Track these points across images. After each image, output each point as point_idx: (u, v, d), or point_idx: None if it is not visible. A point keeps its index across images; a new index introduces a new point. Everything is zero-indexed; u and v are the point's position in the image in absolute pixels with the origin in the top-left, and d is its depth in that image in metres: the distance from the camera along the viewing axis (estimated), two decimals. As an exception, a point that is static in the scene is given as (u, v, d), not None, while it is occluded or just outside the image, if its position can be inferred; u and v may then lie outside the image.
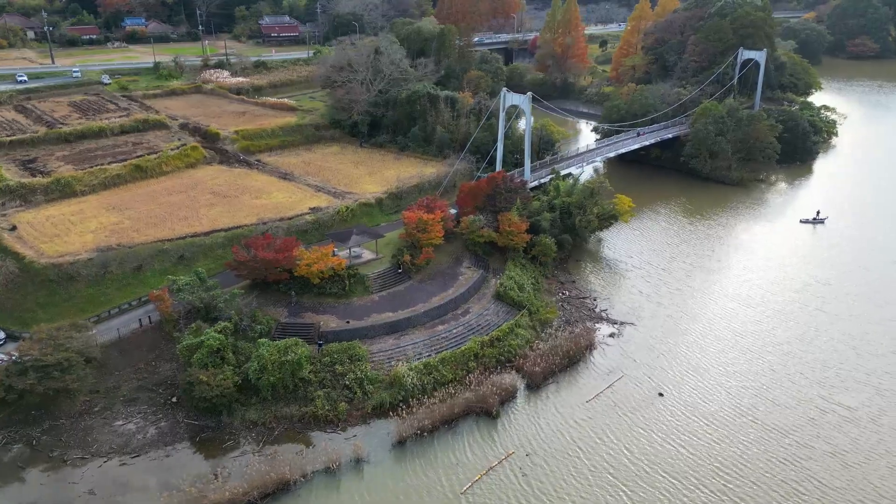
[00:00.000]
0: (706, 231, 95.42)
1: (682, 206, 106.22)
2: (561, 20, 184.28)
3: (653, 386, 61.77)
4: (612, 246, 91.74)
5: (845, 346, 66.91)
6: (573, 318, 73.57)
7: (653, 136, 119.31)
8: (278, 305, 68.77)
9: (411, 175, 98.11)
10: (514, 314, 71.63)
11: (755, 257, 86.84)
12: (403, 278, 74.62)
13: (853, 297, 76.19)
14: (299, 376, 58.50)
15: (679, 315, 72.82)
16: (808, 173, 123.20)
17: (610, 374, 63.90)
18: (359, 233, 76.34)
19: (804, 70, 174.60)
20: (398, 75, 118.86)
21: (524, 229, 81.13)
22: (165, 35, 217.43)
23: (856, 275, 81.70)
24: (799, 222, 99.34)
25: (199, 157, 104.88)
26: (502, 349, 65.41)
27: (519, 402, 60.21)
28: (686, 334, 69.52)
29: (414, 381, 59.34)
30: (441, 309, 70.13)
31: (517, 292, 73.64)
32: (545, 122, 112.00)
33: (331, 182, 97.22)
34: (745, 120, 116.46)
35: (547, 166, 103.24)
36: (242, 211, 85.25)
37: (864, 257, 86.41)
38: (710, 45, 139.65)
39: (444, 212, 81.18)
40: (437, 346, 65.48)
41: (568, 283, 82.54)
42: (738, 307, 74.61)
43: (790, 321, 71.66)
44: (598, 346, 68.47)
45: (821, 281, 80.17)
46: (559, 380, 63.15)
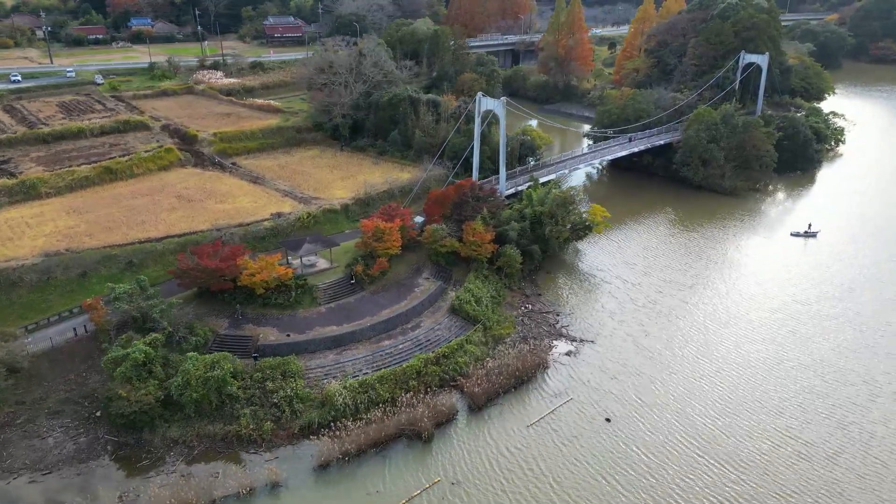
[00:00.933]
0: (688, 243, 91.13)
1: (669, 217, 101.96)
2: (564, 22, 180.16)
3: (600, 411, 58.19)
4: (588, 257, 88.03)
5: (813, 373, 62.49)
6: (531, 335, 70.14)
7: (643, 143, 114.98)
8: (221, 316, 66.59)
9: (384, 180, 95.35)
10: (468, 329, 68.51)
11: (735, 273, 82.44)
12: (356, 289, 71.99)
13: (831, 320, 71.49)
14: (226, 393, 56.11)
15: (639, 334, 68.95)
16: (808, 183, 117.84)
17: (558, 396, 60.46)
18: (312, 241, 73.91)
19: (816, 74, 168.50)
20: (381, 78, 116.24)
21: (489, 239, 77.95)
22: (171, 35, 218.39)
23: (838, 295, 76.87)
24: (790, 235, 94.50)
25: (174, 159, 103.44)
26: (448, 367, 62.26)
27: (458, 425, 57.08)
28: (643, 355, 65.64)
29: (346, 400, 56.51)
30: (390, 323, 67.30)
31: (473, 306, 70.47)
32: (527, 128, 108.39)
33: (300, 187, 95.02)
34: (740, 127, 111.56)
35: (527, 173, 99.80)
36: (203, 216, 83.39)
37: (852, 276, 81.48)
38: (711, 49, 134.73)
39: (405, 220, 78.52)
40: (379, 362, 62.66)
41: (534, 296, 79.09)
42: (706, 326, 70.44)
43: (759, 344, 67.31)
44: (552, 365, 65.02)
45: (800, 301, 75.55)
46: (504, 401, 59.84)
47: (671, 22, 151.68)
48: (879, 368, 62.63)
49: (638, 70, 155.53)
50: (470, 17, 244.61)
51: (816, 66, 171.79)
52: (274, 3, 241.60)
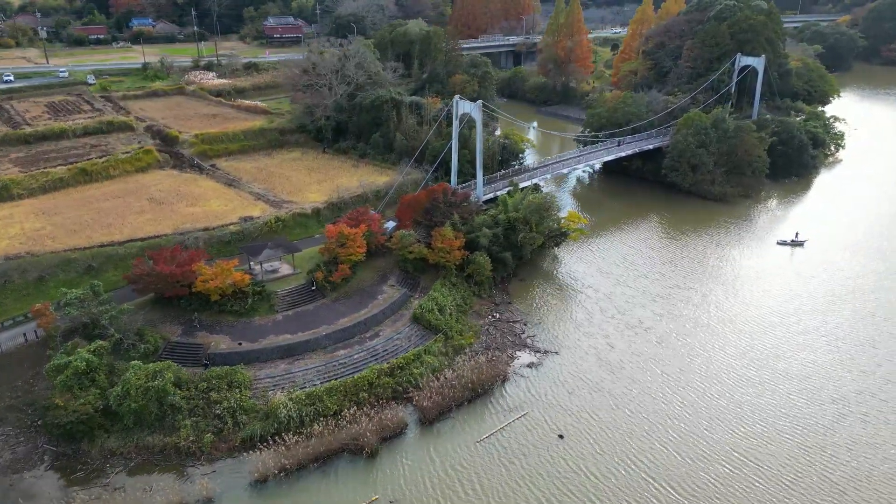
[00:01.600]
0: (668, 252, 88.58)
1: (653, 223, 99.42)
2: (564, 23, 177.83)
3: (554, 427, 56.10)
4: (566, 265, 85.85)
5: (780, 390, 59.86)
6: (495, 345, 68.15)
7: (630, 147, 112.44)
8: (176, 323, 65.33)
9: (360, 184, 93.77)
10: (429, 339, 66.71)
11: (713, 283, 79.80)
12: (316, 297, 70.40)
13: (807, 335, 68.72)
14: (168, 403, 54.76)
15: (604, 347, 66.68)
16: (803, 190, 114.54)
17: (513, 410, 58.46)
18: (273, 246, 72.47)
19: (820, 77, 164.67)
20: (365, 79, 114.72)
21: (458, 246, 76.06)
22: (172, 35, 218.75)
23: (818, 308, 74.02)
24: (776, 244, 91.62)
25: (152, 160, 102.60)
26: (402, 379, 60.48)
27: (406, 440, 55.29)
28: (605, 370, 63.33)
29: (290, 412, 54.93)
30: (347, 331, 65.65)
31: (436, 315, 68.62)
32: (509, 131, 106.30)
33: (275, 190, 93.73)
34: (731, 131, 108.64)
35: (508, 178, 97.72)
36: (171, 219, 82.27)
37: (834, 288, 78.50)
38: (706, 51, 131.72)
39: (373, 225, 76.89)
40: (332, 373, 61.01)
41: (503, 304, 77.07)
42: (673, 340, 67.88)
43: (727, 359, 64.64)
44: (512, 377, 63.05)
45: (777, 313, 72.80)
46: (457, 415, 57.93)
47: (668, 23, 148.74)
48: (850, 387, 59.89)
49: (636, 72, 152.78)
50: (473, 18, 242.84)
51: (820, 68, 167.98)
52: (276, 4, 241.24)
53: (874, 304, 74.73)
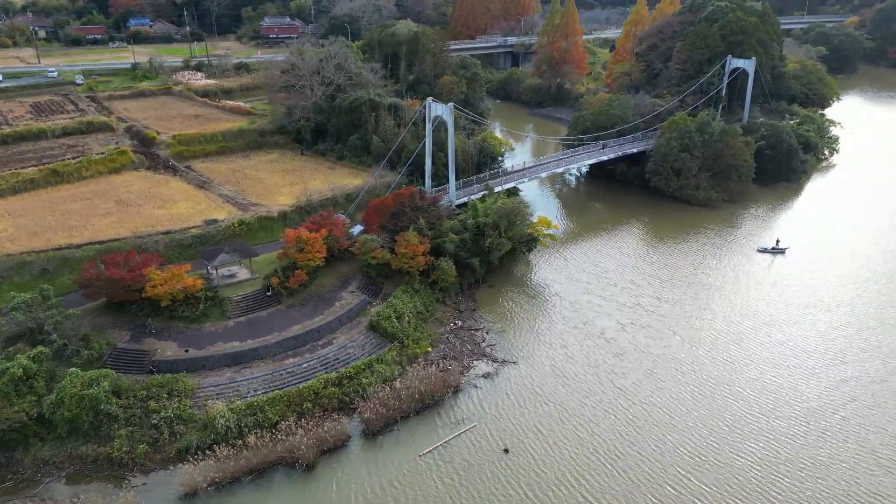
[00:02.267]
0: (643, 259, 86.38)
1: (633, 229, 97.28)
2: (559, 24, 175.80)
3: (501, 441, 54.33)
4: (539, 271, 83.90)
5: (742, 407, 57.67)
6: (452, 354, 66.45)
7: (613, 151, 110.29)
8: (125, 329, 64.20)
9: (329, 187, 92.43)
10: (384, 347, 65.19)
11: (684, 293, 77.43)
12: (272, 302, 69.05)
13: (776, 347, 66.35)
14: (105, 412, 53.55)
15: (562, 358, 64.74)
16: (791, 195, 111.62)
17: (462, 422, 56.73)
18: (230, 251, 71.23)
19: (819, 80, 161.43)
20: (345, 80, 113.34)
21: (422, 251, 74.44)
22: (169, 35, 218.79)
23: (791, 319, 71.54)
24: (757, 252, 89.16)
25: (126, 161, 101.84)
26: (349, 389, 58.95)
27: (348, 453, 53.70)
28: (560, 382, 61.33)
29: (228, 423, 53.57)
30: (299, 339, 64.23)
31: (393, 322, 67.05)
32: (486, 135, 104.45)
33: (245, 192, 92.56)
34: (716, 135, 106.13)
35: (483, 181, 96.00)
36: (136, 222, 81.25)
37: (811, 297, 75.89)
38: (696, 53, 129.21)
39: (336, 230, 75.46)
40: (278, 382, 59.60)
41: (468, 311, 75.31)
42: (629, 353, 65.44)
43: (688, 374, 62.24)
44: (465, 388, 61.29)
45: (748, 324, 70.40)
46: (404, 427, 56.29)
47: (661, 25, 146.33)
48: (814, 404, 57.53)
49: (629, 74, 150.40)
50: (472, 18, 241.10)
51: (820, 70, 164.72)
52: (275, 4, 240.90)
53: (849, 315, 72.19)
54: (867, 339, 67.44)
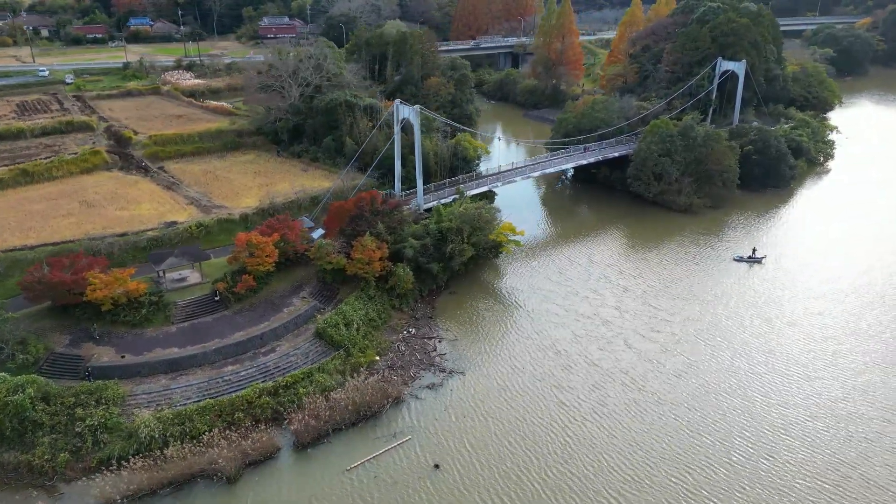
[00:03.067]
0: (612, 267, 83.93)
1: (606, 236, 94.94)
2: (555, 25, 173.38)
3: (433, 456, 52.54)
4: (502, 279, 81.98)
5: (676, 434, 55.27)
6: (399, 363, 64.80)
7: (593, 155, 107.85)
8: (66, 333, 63.31)
9: (297, 189, 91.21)
10: (329, 355, 63.68)
11: (646, 304, 74.61)
12: (218, 308, 67.84)
13: (735, 363, 63.77)
14: (30, 419, 52.57)
15: (509, 370, 62.73)
16: (778, 202, 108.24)
17: (396, 436, 55.02)
18: (180, 254, 70.14)
19: (820, 83, 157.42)
20: (324, 81, 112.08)
21: (378, 257, 72.87)
22: (169, 35, 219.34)
23: (758, 333, 68.86)
24: (733, 260, 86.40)
25: (99, 161, 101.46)
26: (285, 399, 57.46)
27: (275, 466, 52.24)
28: (502, 396, 59.29)
29: (152, 432, 52.36)
30: (241, 346, 62.90)
31: (340, 330, 65.47)
32: (461, 137, 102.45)
33: (212, 194, 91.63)
34: (699, 139, 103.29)
35: (456, 185, 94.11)
36: (95, 223, 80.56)
37: (779, 312, 72.70)
38: (686, 55, 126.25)
39: (291, 234, 74.06)
40: (213, 390, 58.28)
41: (424, 319, 73.59)
42: (578, 367, 62.88)
43: (633, 392, 59.48)
44: (408, 399, 59.60)
45: (707, 340, 67.63)
46: (337, 439, 54.72)
47: (654, 26, 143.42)
48: (771, 421, 55.07)
49: (623, 76, 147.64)
50: (474, 19, 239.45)
51: (821, 73, 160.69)
52: (276, 4, 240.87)
53: (819, 328, 69.32)
54: (835, 354, 64.63)
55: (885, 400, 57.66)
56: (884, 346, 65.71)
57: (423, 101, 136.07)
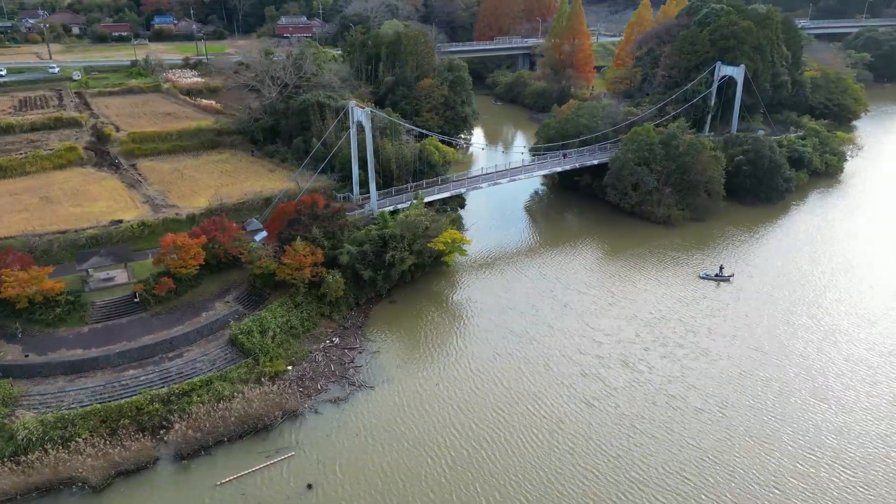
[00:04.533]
0: (564, 280, 79.88)
1: (573, 247, 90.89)
2: (565, 26, 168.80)
3: (309, 476, 50.30)
4: (449, 290, 79.05)
5: (595, 469, 51.48)
6: (312, 375, 62.78)
7: (571, 162, 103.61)
8: (-15, 329, 63.69)
9: (247, 191, 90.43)
10: (237, 362, 62.20)
11: (582, 322, 70.13)
12: (137, 310, 67.17)
13: (634, 408, 59.34)
14: (-87, 416, 52.78)
15: (414, 388, 59.80)
16: (766, 216, 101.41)
17: (280, 451, 53.02)
18: (105, 254, 69.82)
19: (843, 91, 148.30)
20: (302, 81, 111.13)
21: (310, 262, 71.12)
22: (191, 33, 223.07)
23: (697, 352, 64.18)
24: (699, 278, 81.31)
25: (74, 158, 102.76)
26: (176, 406, 56.11)
27: (152, 476, 50.87)
28: (402, 415, 56.42)
29: (31, 435, 51.73)
30: (147, 350, 61.97)
31: (253, 337, 63.92)
32: (427, 141, 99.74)
33: (171, 193, 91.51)
34: (681, 148, 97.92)
35: (418, 190, 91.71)
36: (46, 219, 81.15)
37: (734, 340, 67.64)
38: (684, 59, 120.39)
39: (223, 236, 72.97)
40: (108, 394, 57.44)
41: (353, 328, 71.36)
42: (491, 387, 59.45)
43: (527, 422, 55.51)
44: (306, 412, 57.55)
45: (651, 366, 63.12)
46: (222, 452, 53.09)
47: (658, 28, 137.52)
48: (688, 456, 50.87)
49: (626, 80, 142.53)
50: (495, 19, 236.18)
51: (845, 79, 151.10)
52: (298, 4, 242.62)
53: (756, 364, 63.91)
54: (780, 392, 59.63)
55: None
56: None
57: (414, 103, 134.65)
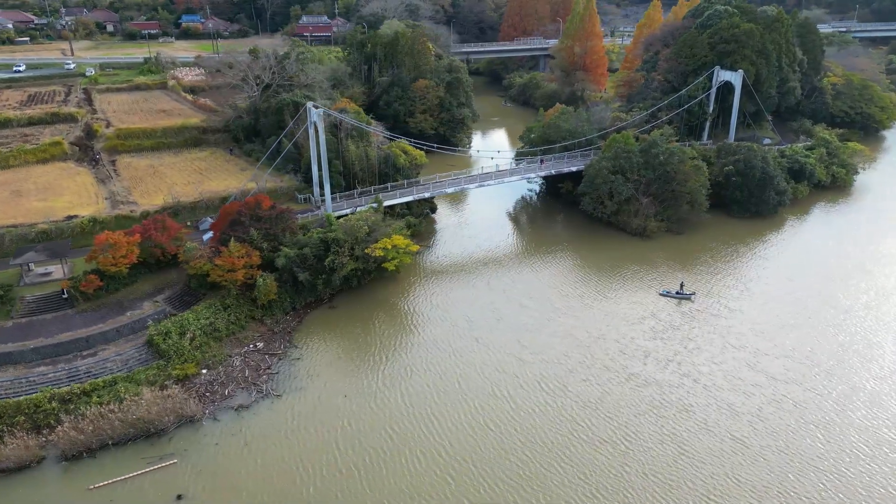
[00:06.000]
0: (509, 293, 76.57)
1: (535, 257, 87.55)
2: (578, 27, 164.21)
3: (184, 485, 49.14)
4: (393, 299, 76.84)
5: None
6: (223, 379, 61.75)
7: (546, 169, 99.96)
8: (-86, 319, 65.11)
9: (202, 190, 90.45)
10: (150, 363, 61.75)
11: (514, 337, 66.64)
12: (64, 306, 67.52)
13: (527, 434, 55.82)
14: None
15: (315, 400, 57.86)
16: (752, 232, 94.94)
17: (164, 458, 52.01)
18: (41, 250, 70.64)
19: (867, 100, 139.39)
20: (282, 81, 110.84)
21: (243, 264, 70.31)
22: (218, 32, 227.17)
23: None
24: (659, 295, 76.92)
25: (58, 152, 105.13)
26: (73, 406, 55.81)
27: (33, 477, 50.56)
28: (297, 423, 54.85)
29: (-81, 429, 52.30)
30: (62, 347, 62.04)
31: (171, 338, 63.33)
32: (393, 144, 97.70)
33: (136, 189, 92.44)
34: (661, 157, 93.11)
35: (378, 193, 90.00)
36: (7, 213, 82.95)
37: (671, 367, 63.34)
38: (682, 63, 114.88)
39: (162, 235, 72.84)
40: (14, 390, 57.58)
41: (283, 334, 70.03)
42: (389, 407, 56.85)
43: (425, 441, 52.65)
44: (205, 419, 56.45)
45: (578, 397, 59.92)
46: (108, 455, 52.44)
47: (664, 30, 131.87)
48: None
49: (631, 83, 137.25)
50: (519, 19, 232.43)
51: (872, 87, 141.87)
52: (324, 3, 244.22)
53: (696, 400, 59.47)
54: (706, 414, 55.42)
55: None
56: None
57: (409, 104, 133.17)
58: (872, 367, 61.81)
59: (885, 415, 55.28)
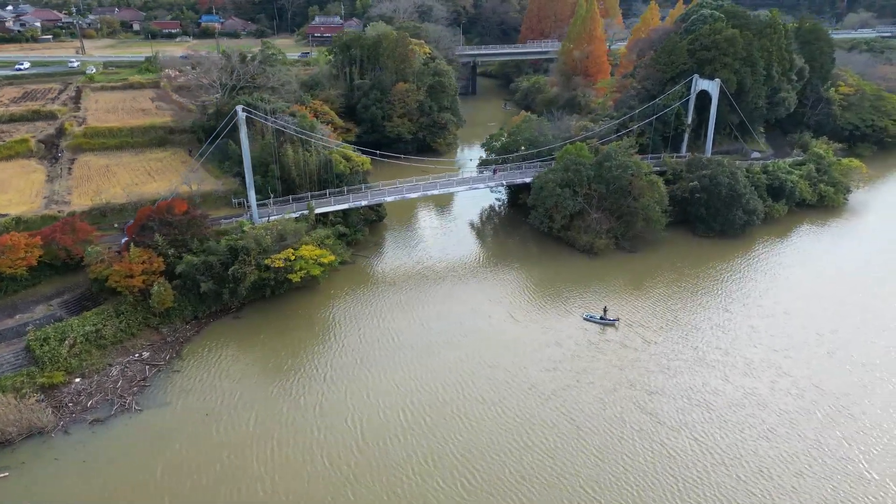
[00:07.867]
0: (420, 318, 72.24)
1: (474, 272, 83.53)
2: (580, 30, 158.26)
3: (6, 501, 47.64)
4: (309, 312, 74.21)
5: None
6: (92, 389, 60.32)
7: (497, 180, 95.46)
8: None
9: (130, 192, 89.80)
10: (21, 369, 60.84)
11: (405, 359, 63.22)
12: (-43, 307, 67.49)
13: (393, 458, 51.81)
14: None
15: (178, 419, 55.70)
16: (712, 255, 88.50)
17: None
18: (-54, 249, 70.60)
19: (881, 111, 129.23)
20: (241, 83, 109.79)
21: (140, 270, 68.97)
22: (236, 32, 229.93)
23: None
24: (583, 320, 71.80)
25: (24, 150, 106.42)
26: (-71, 410, 55.40)
27: None
28: (152, 444, 52.78)
29: None
30: (-62, 348, 61.88)
31: (48, 344, 62.28)
32: (335, 150, 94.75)
33: (79, 189, 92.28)
34: (614, 170, 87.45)
35: (311, 200, 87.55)
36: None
37: (549, 404, 58.40)
38: (660, 70, 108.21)
39: (64, 237, 72.12)
40: None
41: (175, 343, 68.29)
42: (264, 428, 54.65)
43: (299, 471, 50.40)
44: (56, 431, 54.99)
45: (478, 428, 55.95)
46: (-57, 464, 51.67)
47: (652, 35, 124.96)
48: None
49: (619, 90, 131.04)
50: (538, 21, 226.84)
51: (885, 98, 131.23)
52: (343, 3, 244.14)
53: (561, 444, 54.13)
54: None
55: None
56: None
57: (387, 108, 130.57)
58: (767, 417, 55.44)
59: (769, 481, 49.22)
